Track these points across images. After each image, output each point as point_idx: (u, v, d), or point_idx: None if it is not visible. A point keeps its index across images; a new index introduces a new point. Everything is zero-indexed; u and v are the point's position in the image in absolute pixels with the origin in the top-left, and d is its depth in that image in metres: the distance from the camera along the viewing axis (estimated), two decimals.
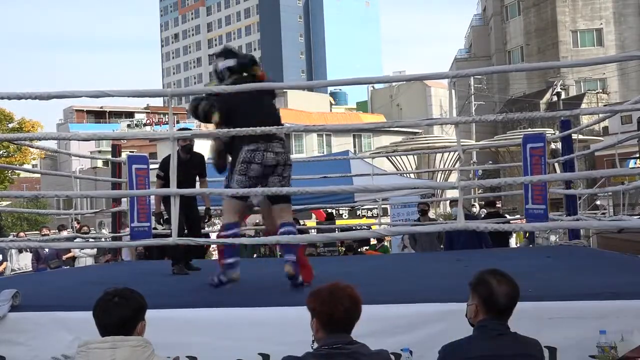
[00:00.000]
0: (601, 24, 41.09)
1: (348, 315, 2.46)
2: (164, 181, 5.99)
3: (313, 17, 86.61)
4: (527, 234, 11.66)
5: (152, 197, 6.77)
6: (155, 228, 7.32)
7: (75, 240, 8.67)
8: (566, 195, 7.49)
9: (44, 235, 10.98)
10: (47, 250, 10.46)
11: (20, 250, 10.88)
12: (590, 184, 15.47)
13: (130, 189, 7.27)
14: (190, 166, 6.15)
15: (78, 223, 11.51)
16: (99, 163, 33.72)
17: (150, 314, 2.59)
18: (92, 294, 2.75)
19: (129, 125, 53.27)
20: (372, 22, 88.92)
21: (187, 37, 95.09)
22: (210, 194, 4.89)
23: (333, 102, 53.59)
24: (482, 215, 10.57)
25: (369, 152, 30.24)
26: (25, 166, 31.64)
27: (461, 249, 8.09)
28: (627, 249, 7.03)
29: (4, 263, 11.17)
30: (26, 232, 19.02)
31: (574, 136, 7.68)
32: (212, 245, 12.40)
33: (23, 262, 11.13)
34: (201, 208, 6.54)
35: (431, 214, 12.46)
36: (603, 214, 11.23)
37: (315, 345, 2.51)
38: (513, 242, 14.15)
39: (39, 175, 43.51)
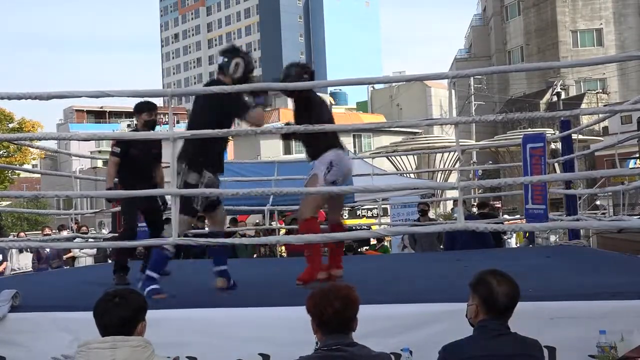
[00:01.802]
0: (601, 24, 41.10)
1: (338, 317, 2.44)
2: (121, 158, 5.41)
3: (313, 17, 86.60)
4: (527, 234, 11.65)
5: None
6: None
7: (75, 240, 8.68)
8: (566, 195, 7.49)
9: (46, 235, 10.99)
10: (48, 250, 10.47)
11: (20, 250, 10.89)
12: (590, 184, 15.47)
13: None
14: (151, 145, 5.58)
15: (76, 223, 11.50)
16: (99, 163, 33.69)
17: (150, 314, 2.59)
18: (92, 294, 2.75)
19: (129, 125, 53.26)
20: (372, 22, 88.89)
21: (187, 37, 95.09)
22: (211, 194, 4.87)
23: (333, 102, 53.52)
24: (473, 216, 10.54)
25: (369, 152, 30.21)
26: (25, 166, 31.63)
27: (462, 249, 8.06)
28: (627, 249, 7.04)
29: (4, 263, 11.17)
30: (26, 232, 19.02)
31: (574, 136, 7.68)
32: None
33: (23, 262, 11.13)
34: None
35: (431, 214, 12.46)
36: (603, 214, 11.23)
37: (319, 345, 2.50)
38: (513, 242, 14.16)
39: (39, 175, 43.48)
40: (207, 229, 5.75)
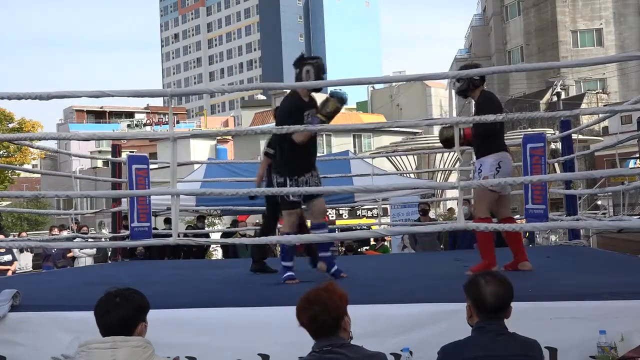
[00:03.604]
0: (601, 24, 41.09)
1: (315, 323, 2.41)
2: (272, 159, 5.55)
3: (313, 17, 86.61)
4: (527, 234, 11.66)
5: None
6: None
7: (75, 240, 8.69)
8: (566, 195, 7.50)
9: (54, 234, 11.04)
10: (54, 250, 10.52)
11: (20, 250, 10.92)
12: (590, 184, 15.47)
13: (130, 189, 7.28)
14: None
15: (76, 223, 11.53)
16: (99, 163, 33.75)
17: (150, 314, 2.59)
18: (92, 294, 2.75)
19: (129, 125, 53.38)
20: (372, 22, 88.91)
21: (187, 37, 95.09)
22: (211, 194, 4.88)
23: None
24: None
25: (369, 152, 30.21)
26: (25, 166, 31.60)
27: (466, 248, 8.04)
28: (627, 249, 7.04)
29: (14, 262, 11.19)
30: (27, 232, 19.04)
31: (574, 136, 7.69)
32: (212, 245, 12.41)
33: (23, 262, 11.17)
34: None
35: (431, 214, 12.46)
36: (603, 214, 11.23)
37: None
38: None
39: (39, 175, 43.51)
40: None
